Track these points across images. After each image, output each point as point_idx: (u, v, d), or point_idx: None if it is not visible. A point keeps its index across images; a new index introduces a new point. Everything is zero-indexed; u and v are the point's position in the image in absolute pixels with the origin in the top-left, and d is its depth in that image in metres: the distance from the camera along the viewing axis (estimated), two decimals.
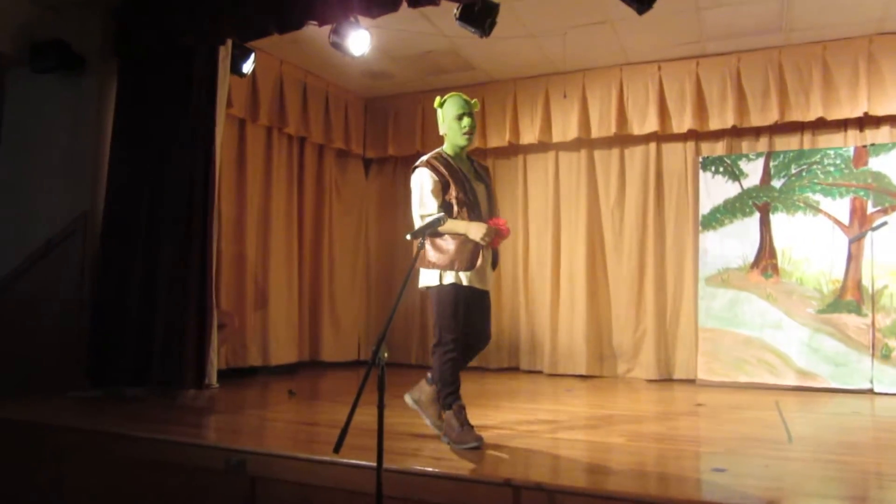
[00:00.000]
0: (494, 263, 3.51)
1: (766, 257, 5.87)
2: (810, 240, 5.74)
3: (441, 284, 3.34)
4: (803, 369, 5.57)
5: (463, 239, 3.30)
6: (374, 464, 2.42)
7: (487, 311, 3.51)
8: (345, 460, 2.85)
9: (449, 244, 3.32)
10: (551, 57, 6.28)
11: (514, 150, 7.10)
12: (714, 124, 6.16)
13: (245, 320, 6.08)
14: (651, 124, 6.30)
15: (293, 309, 6.66)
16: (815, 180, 5.79)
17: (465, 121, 3.43)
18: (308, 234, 6.99)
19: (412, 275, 2.82)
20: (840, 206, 5.69)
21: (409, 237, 3.08)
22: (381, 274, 7.63)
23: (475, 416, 4.23)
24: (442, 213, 3.05)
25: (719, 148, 6.32)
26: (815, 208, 5.77)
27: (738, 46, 6.00)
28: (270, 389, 5.58)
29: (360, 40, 5.10)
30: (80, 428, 3.73)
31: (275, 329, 6.39)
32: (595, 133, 6.56)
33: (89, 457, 3.62)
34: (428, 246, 3.36)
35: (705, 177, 6.16)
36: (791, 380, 5.58)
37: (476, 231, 3.26)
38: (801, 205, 5.81)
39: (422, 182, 3.38)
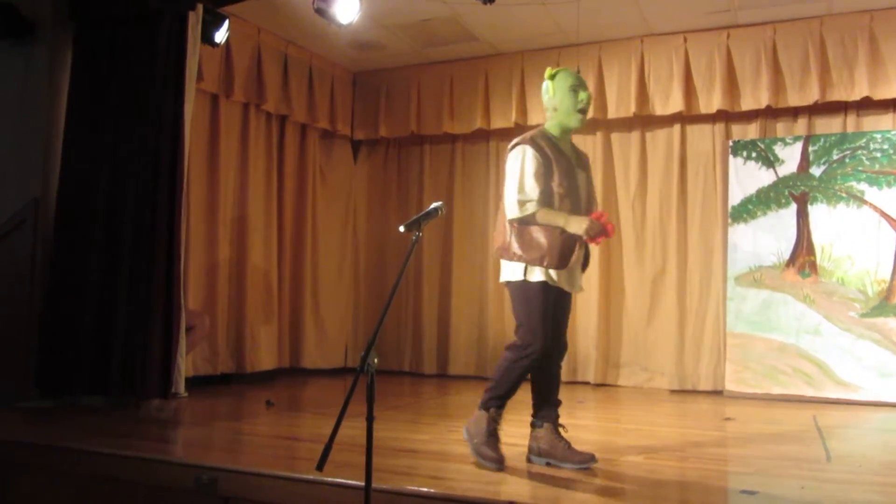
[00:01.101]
0: (585, 264, 3.45)
1: (803, 254, 5.88)
2: (854, 235, 5.75)
3: (527, 280, 3.26)
4: (844, 380, 5.58)
5: (558, 232, 3.21)
6: (363, 483, 2.42)
7: (567, 315, 3.47)
8: (329, 479, 2.85)
9: (541, 237, 3.24)
10: (564, 27, 6.27)
11: (521, 132, 7.04)
12: (746, 104, 6.16)
13: (217, 322, 6.08)
14: (675, 104, 6.29)
15: (272, 309, 6.66)
16: (860, 167, 5.79)
17: (582, 95, 3.35)
18: (289, 225, 6.98)
19: (406, 271, 2.81)
20: (888, 197, 5.69)
21: (402, 229, 3.04)
22: (370, 270, 7.64)
23: None
24: (441, 203, 3.01)
25: (752, 131, 6.32)
26: (860, 199, 5.77)
27: (774, 16, 5.99)
28: (245, 399, 5.58)
29: (347, 6, 5.08)
30: (31, 442, 3.72)
31: (251, 332, 6.39)
32: (612, 113, 6.56)
33: (41, 474, 3.61)
34: (514, 236, 3.30)
35: (736, 163, 6.16)
36: (830, 391, 5.59)
37: (577, 225, 3.18)
38: (844, 195, 5.82)
39: (524, 162, 3.29)
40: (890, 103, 5.94)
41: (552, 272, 3.23)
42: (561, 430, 3.41)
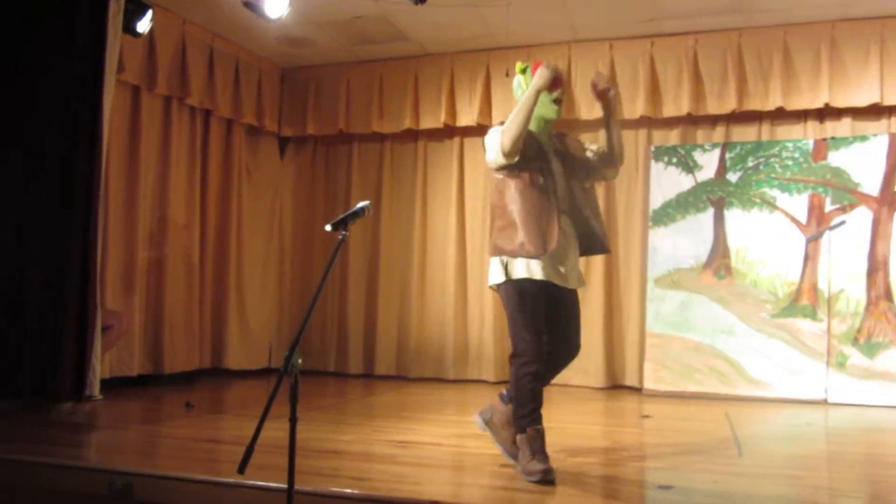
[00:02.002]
0: (588, 250, 3.30)
1: (719, 257, 6.10)
2: (766, 239, 5.99)
3: (509, 280, 3.15)
4: (756, 378, 5.81)
5: (529, 207, 3.12)
6: (285, 485, 2.39)
7: (573, 314, 3.29)
8: (251, 482, 2.80)
9: (514, 214, 3.14)
10: (493, 30, 6.33)
11: (449, 132, 7.13)
12: (668, 111, 6.35)
13: (134, 321, 5.89)
14: (600, 109, 6.40)
15: (192, 308, 6.50)
16: (773, 174, 6.05)
17: (556, 90, 3.27)
18: (212, 223, 6.83)
19: (332, 270, 2.78)
20: (798, 203, 5.96)
21: (329, 228, 3.00)
22: (296, 269, 7.54)
23: (398, 431, 4.26)
24: (368, 202, 2.95)
25: (673, 137, 6.52)
26: (772, 205, 6.02)
27: (697, 27, 6.20)
28: (164, 401, 5.45)
29: (277, 0, 5.01)
30: None
31: (170, 331, 6.21)
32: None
33: None
34: (496, 231, 3.20)
35: (657, 168, 6.34)
36: (743, 389, 5.81)
37: (539, 77, 3.11)
38: (758, 201, 6.06)
39: (492, 135, 3.23)
40: (802, 114, 6.22)
41: (535, 266, 3.12)
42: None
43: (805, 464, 3.62)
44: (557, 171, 3.28)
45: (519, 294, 3.15)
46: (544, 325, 3.16)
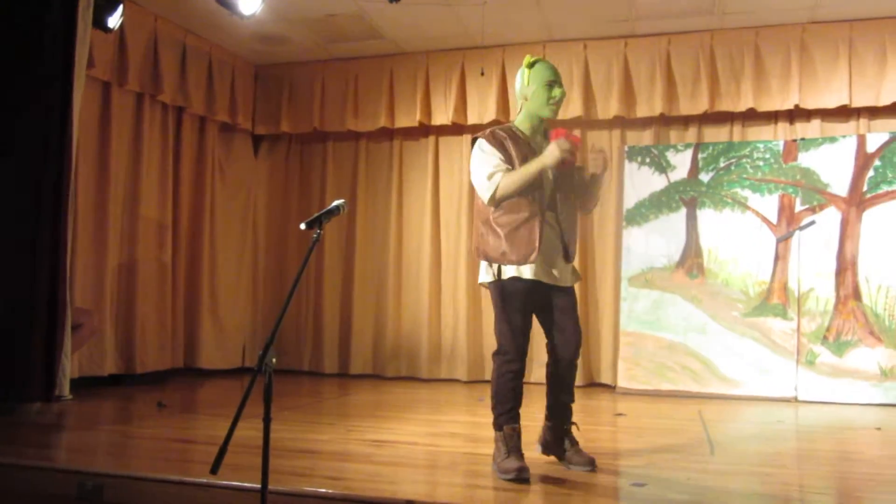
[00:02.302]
0: (569, 255, 3.31)
1: (691, 256, 6.16)
2: (738, 239, 6.06)
3: (496, 279, 3.19)
4: (727, 376, 5.88)
5: (516, 222, 3.16)
6: (259, 486, 2.37)
7: (568, 309, 3.27)
8: (224, 482, 2.78)
9: (501, 227, 3.18)
10: (469, 29, 6.33)
11: (424, 131, 7.12)
12: (641, 111, 6.40)
13: (105, 320, 5.81)
14: (575, 109, 6.46)
15: (165, 307, 6.43)
16: (744, 175, 6.12)
17: (556, 91, 3.31)
18: (185, 221, 6.76)
19: (306, 269, 2.77)
20: (768, 204, 6.04)
21: (303, 226, 2.97)
22: (270, 268, 7.49)
23: (373, 430, 4.25)
24: (343, 200, 2.94)
25: (646, 137, 6.58)
26: (744, 205, 6.09)
27: (670, 28, 6.26)
28: (135, 401, 5.38)
29: None
30: None
31: (142, 330, 6.14)
32: (514, 116, 6.64)
33: None
34: (482, 235, 3.25)
35: (631, 168, 6.39)
36: (715, 387, 5.88)
37: (549, 155, 3.10)
38: (729, 201, 6.13)
39: (480, 149, 3.26)
40: (772, 115, 6.31)
41: (524, 267, 3.15)
42: (573, 428, 3.34)
43: (776, 461, 3.66)
44: (546, 174, 3.24)
45: (507, 293, 3.17)
46: (530, 325, 3.19)
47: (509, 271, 3.17)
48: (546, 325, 3.28)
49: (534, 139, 3.34)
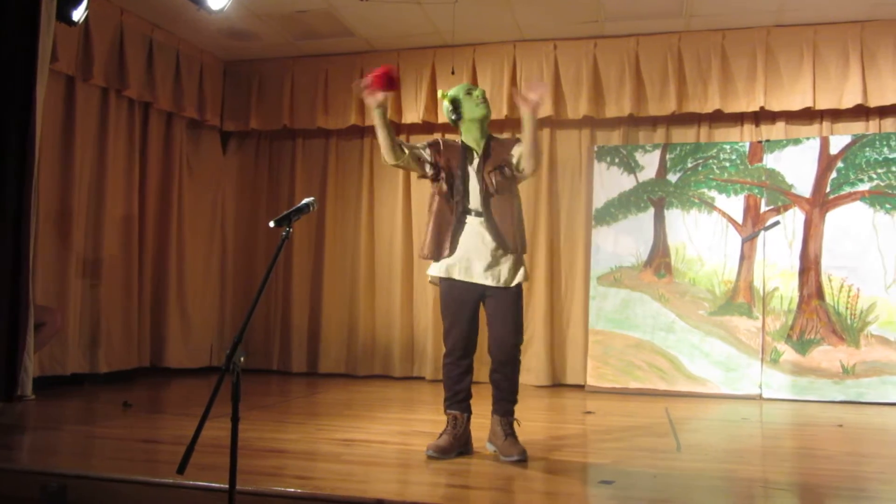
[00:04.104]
0: (506, 249, 3.45)
1: (659, 256, 6.23)
2: (704, 238, 6.15)
3: (431, 277, 3.58)
4: (694, 374, 5.96)
5: (437, 215, 3.50)
6: (226, 486, 2.35)
7: (499, 311, 3.45)
8: (191, 482, 2.75)
9: (428, 219, 3.56)
10: (440, 27, 6.33)
11: (394, 129, 7.05)
12: (610, 112, 6.45)
13: (69, 318, 5.71)
14: (545, 108, 6.48)
15: (131, 305, 6.33)
16: (711, 176, 6.20)
17: (476, 91, 3.59)
18: (152, 218, 6.67)
19: (275, 267, 2.75)
20: (734, 204, 6.13)
21: (272, 224, 2.95)
22: (239, 266, 7.42)
23: (343, 429, 4.23)
24: (312, 198, 2.93)
25: (615, 137, 6.63)
26: (710, 205, 6.18)
27: (638, 29, 6.31)
28: (100, 401, 5.31)
29: None
30: None
31: (107, 329, 6.05)
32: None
33: None
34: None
35: (600, 168, 6.44)
36: (682, 385, 5.95)
37: (368, 100, 3.45)
38: (697, 201, 6.21)
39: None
40: (738, 117, 6.40)
41: (440, 267, 3.48)
42: (515, 424, 3.58)
43: (740, 458, 3.72)
44: (474, 177, 3.49)
45: (440, 290, 3.55)
46: (458, 320, 3.48)
47: (432, 270, 3.54)
48: (488, 324, 3.56)
49: (478, 147, 3.56)
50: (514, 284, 3.48)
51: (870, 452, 3.93)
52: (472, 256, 3.44)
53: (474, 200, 3.47)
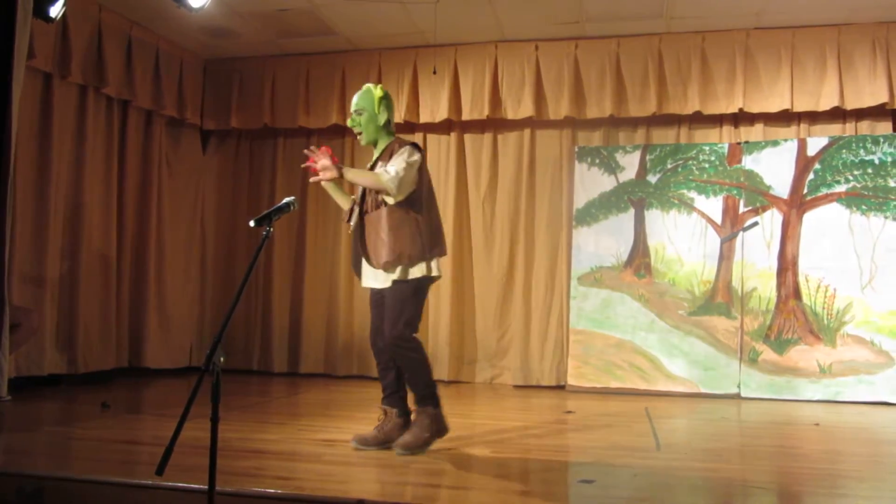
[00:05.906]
0: (367, 258, 3.71)
1: (639, 256, 6.27)
2: (684, 239, 6.20)
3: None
4: (673, 374, 6.01)
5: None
6: (206, 487, 2.34)
7: (377, 307, 3.77)
8: (170, 483, 2.73)
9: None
10: (421, 27, 6.33)
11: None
12: (591, 112, 6.48)
13: (46, 319, 5.65)
14: (526, 109, 6.51)
15: (109, 304, 6.27)
16: (691, 177, 6.25)
17: (351, 119, 4.01)
18: (130, 217, 6.61)
19: (256, 267, 2.74)
20: (713, 205, 6.18)
21: (253, 224, 2.94)
22: (219, 266, 7.38)
23: (323, 429, 4.22)
24: (293, 198, 2.93)
25: (596, 138, 6.67)
26: (690, 206, 6.23)
27: (619, 31, 6.35)
28: (77, 402, 5.26)
29: None
30: None
31: (84, 329, 5.98)
32: (466, 115, 6.69)
33: None
34: None
35: (581, 168, 6.47)
36: (661, 385, 6.00)
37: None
38: (676, 202, 6.26)
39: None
40: (718, 118, 6.46)
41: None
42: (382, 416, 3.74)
43: (719, 457, 3.75)
44: (363, 190, 3.81)
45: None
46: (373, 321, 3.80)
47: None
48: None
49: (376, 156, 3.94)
50: (391, 283, 3.65)
51: (846, 450, 3.99)
52: (361, 262, 3.78)
53: (357, 211, 3.83)
